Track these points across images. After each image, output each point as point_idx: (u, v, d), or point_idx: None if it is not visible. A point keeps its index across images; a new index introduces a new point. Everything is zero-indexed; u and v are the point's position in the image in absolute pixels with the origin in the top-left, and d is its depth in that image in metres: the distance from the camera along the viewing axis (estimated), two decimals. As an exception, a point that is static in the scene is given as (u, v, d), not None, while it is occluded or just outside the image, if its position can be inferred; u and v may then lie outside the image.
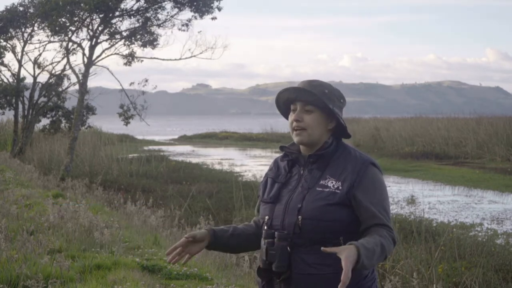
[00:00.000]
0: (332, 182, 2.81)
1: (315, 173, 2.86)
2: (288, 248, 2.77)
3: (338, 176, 2.82)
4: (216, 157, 30.94)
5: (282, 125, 56.20)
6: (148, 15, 21.27)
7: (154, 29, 21.64)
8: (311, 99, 2.87)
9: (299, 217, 2.78)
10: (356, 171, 2.81)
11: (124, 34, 21.51)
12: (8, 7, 25.35)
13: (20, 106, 26.97)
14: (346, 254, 2.54)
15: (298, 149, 2.97)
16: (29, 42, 26.24)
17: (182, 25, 21.20)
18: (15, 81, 26.77)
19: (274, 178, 2.98)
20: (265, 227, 2.88)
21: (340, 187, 2.79)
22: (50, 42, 24.44)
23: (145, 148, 35.32)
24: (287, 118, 2.99)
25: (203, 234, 2.97)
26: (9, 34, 25.90)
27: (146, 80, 22.42)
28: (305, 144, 2.92)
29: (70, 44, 22.27)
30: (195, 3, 20.51)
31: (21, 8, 25.34)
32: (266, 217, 2.90)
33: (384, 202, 2.81)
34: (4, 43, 26.20)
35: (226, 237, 3.01)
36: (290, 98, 2.93)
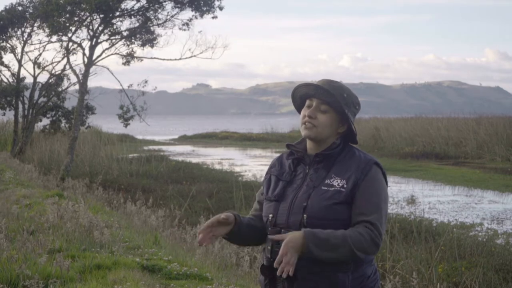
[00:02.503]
0: (337, 181, 2.82)
1: (321, 172, 2.87)
2: None
3: (343, 175, 2.84)
4: (216, 157, 30.93)
5: (282, 125, 56.25)
6: (149, 15, 21.27)
7: (154, 28, 21.65)
8: (329, 100, 2.88)
9: (305, 215, 2.79)
10: (360, 170, 2.83)
11: (124, 34, 21.51)
12: (7, 7, 25.33)
13: (20, 106, 26.95)
14: (287, 239, 2.64)
15: (304, 148, 2.97)
16: (28, 42, 26.23)
17: (183, 25, 21.20)
18: (15, 81, 26.76)
19: (278, 176, 2.97)
20: (270, 225, 2.88)
21: (345, 185, 2.81)
22: (50, 42, 24.45)
23: (145, 148, 35.31)
24: (299, 111, 2.99)
25: (232, 219, 2.89)
26: (8, 34, 25.88)
27: (146, 81, 22.42)
28: (311, 139, 2.92)
29: (70, 44, 22.28)
30: (195, 3, 20.50)
31: (19, 8, 25.33)
32: (270, 215, 2.90)
33: (380, 202, 2.81)
34: (4, 43, 26.18)
35: (243, 226, 2.93)
36: (308, 94, 2.94)
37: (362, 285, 2.81)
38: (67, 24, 20.87)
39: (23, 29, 26.02)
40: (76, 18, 21.01)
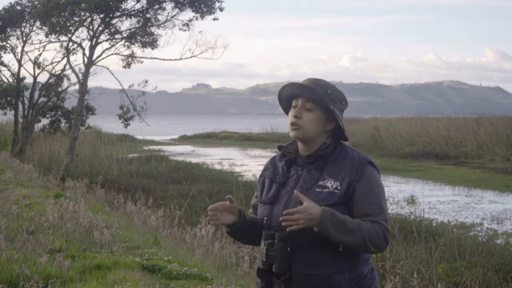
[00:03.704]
0: (330, 182, 2.80)
1: (314, 173, 2.85)
2: (289, 249, 2.75)
3: (336, 176, 2.81)
4: (216, 157, 30.93)
5: (282, 125, 56.22)
6: (149, 15, 21.25)
7: (154, 29, 21.62)
8: (313, 97, 2.86)
9: (299, 217, 2.77)
10: (354, 170, 2.81)
11: (124, 34, 21.50)
12: (6, 7, 25.32)
13: (20, 106, 26.95)
14: (310, 205, 2.65)
15: (296, 149, 2.95)
16: (28, 42, 26.22)
17: (183, 25, 21.18)
18: (15, 81, 26.75)
19: (271, 178, 2.96)
20: (265, 228, 2.86)
21: (339, 187, 2.79)
22: (50, 42, 24.43)
23: (145, 148, 35.31)
24: (287, 113, 2.98)
25: (237, 209, 2.88)
26: (7, 34, 25.87)
27: (146, 81, 22.40)
28: (300, 140, 2.90)
29: (70, 44, 22.27)
30: (196, 4, 20.48)
31: (18, 8, 25.31)
32: (265, 218, 2.88)
33: (381, 202, 2.81)
34: (3, 43, 26.17)
35: (247, 221, 2.92)
36: (293, 94, 2.93)
37: (359, 285, 2.80)
38: (68, 24, 20.86)
39: (22, 28, 26.02)
40: (76, 18, 21.00)
